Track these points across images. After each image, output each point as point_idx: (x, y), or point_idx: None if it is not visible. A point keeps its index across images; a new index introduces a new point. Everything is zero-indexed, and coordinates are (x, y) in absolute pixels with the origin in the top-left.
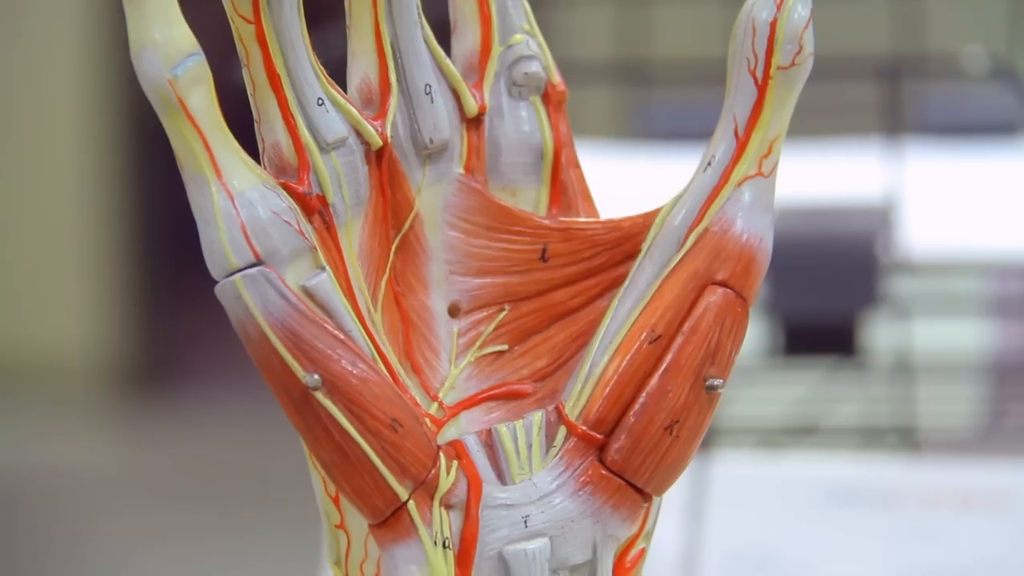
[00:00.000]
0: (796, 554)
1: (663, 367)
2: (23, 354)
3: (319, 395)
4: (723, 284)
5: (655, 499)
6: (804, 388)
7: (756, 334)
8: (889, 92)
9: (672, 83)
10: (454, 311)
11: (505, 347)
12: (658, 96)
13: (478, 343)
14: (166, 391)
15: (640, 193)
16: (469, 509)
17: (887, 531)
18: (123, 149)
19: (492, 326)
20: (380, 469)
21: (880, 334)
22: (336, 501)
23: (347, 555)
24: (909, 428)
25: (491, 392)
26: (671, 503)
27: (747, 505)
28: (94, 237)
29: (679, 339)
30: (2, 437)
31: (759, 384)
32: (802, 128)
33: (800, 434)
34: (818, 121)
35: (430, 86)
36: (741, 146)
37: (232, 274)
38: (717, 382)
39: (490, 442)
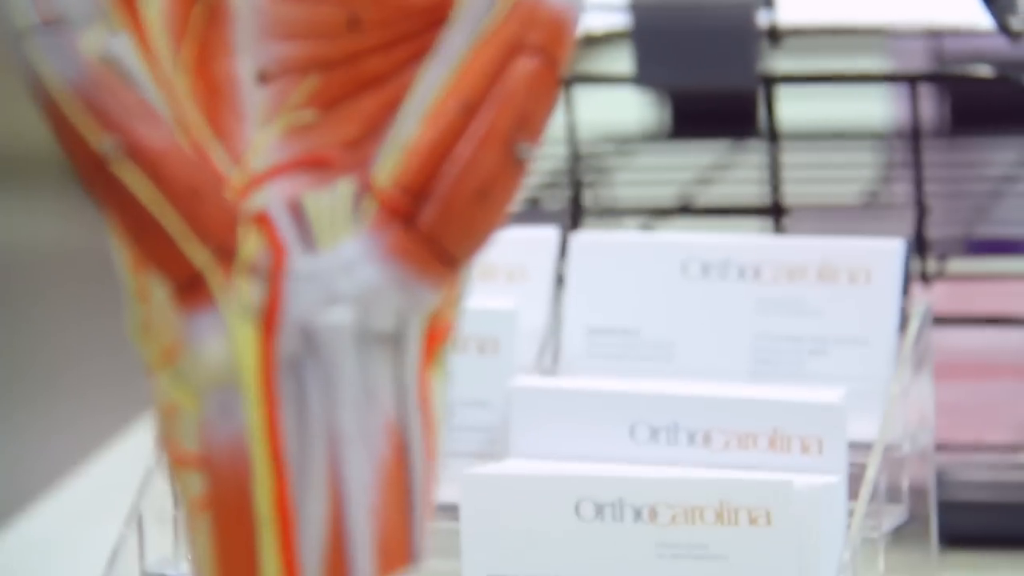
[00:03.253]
0: (658, 329)
1: (473, 134)
2: None
3: (114, 161)
4: (534, 51)
5: (463, 268)
6: (687, 165)
7: (643, 110)
8: None
9: None
10: (261, 77)
11: (313, 114)
12: None
13: (285, 110)
14: None
15: None
16: (272, 277)
17: (750, 304)
18: None
19: (300, 93)
20: (178, 236)
21: (763, 108)
22: (135, 270)
23: (148, 325)
24: (781, 201)
25: (298, 160)
26: (533, 280)
27: (611, 281)
28: None
29: (489, 106)
30: None
31: (644, 161)
32: None
33: (680, 211)
34: None
35: None
36: None
37: (23, 37)
38: (526, 149)
39: (296, 210)
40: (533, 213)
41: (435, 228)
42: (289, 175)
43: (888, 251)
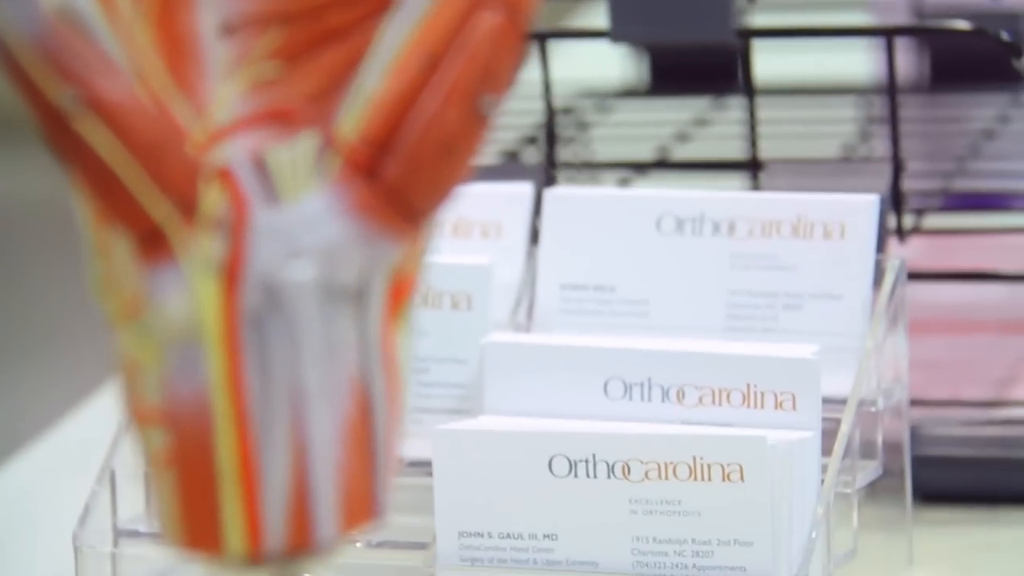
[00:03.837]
0: (632, 285)
1: (436, 88)
2: None
3: (75, 115)
4: (497, 4)
5: (427, 223)
6: (666, 120)
7: (623, 66)
8: None
9: None
10: (223, 30)
11: (276, 68)
12: None
13: (248, 63)
14: None
15: None
16: (234, 231)
17: (725, 259)
18: None
19: (262, 46)
20: (139, 190)
21: (744, 62)
22: (96, 225)
23: (109, 281)
24: (759, 156)
25: (261, 113)
26: (508, 235)
27: (585, 237)
28: None
29: (452, 60)
30: None
31: (623, 116)
32: None
33: (658, 166)
34: None
35: None
36: None
37: None
38: (491, 103)
39: (259, 164)
40: (511, 168)
41: (399, 182)
42: (252, 129)
43: (863, 206)
